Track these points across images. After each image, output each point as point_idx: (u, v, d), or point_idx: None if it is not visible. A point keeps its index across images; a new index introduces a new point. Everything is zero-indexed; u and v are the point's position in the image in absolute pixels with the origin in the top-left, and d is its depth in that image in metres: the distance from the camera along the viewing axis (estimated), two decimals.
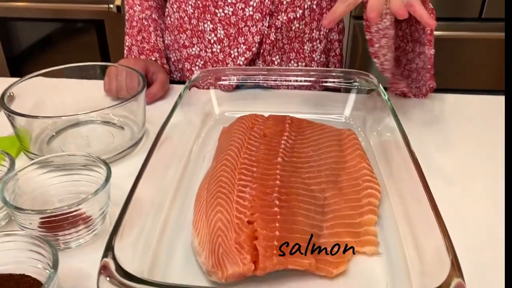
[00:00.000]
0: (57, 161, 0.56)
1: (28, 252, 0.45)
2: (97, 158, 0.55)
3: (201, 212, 0.51)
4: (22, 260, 0.45)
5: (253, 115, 0.69)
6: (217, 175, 0.56)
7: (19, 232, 0.45)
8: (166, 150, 0.68)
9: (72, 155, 0.56)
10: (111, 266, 0.40)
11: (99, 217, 0.53)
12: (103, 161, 0.54)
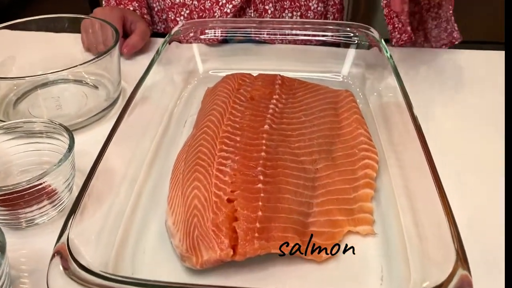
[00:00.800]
0: (18, 129, 0.50)
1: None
2: (59, 125, 0.49)
3: (177, 187, 0.46)
4: None
5: (240, 75, 0.62)
6: (196, 144, 0.50)
7: None
8: (142, 113, 0.62)
9: (31, 122, 0.50)
10: (65, 254, 0.35)
11: (65, 190, 0.47)
12: (65, 128, 0.48)
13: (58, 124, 0.49)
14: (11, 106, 0.63)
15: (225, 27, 0.69)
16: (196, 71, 0.69)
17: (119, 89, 0.64)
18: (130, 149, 0.56)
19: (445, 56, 0.74)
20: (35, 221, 0.47)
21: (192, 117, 0.61)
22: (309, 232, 0.42)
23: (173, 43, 0.65)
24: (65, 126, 0.48)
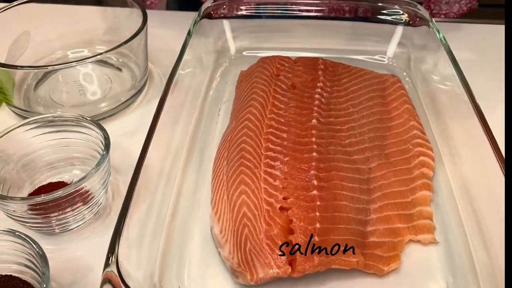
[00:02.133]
0: (48, 123, 0.46)
1: (12, 251, 0.36)
2: (91, 121, 0.44)
3: (221, 191, 0.42)
4: (6, 259, 0.37)
5: (278, 58, 0.57)
6: (238, 141, 0.46)
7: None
8: (171, 100, 0.58)
9: (62, 117, 0.45)
10: (115, 280, 0.31)
11: (100, 191, 0.44)
12: (98, 124, 0.44)
13: (90, 120, 0.44)
14: (31, 91, 0.58)
15: (258, 2, 0.63)
16: (227, 51, 0.63)
17: (146, 74, 0.59)
18: (164, 142, 0.52)
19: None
20: (70, 226, 0.44)
21: (226, 104, 0.57)
22: (369, 243, 0.39)
23: (202, 20, 0.60)
24: (98, 123, 0.44)
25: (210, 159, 0.49)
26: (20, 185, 0.46)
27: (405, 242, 0.40)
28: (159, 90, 0.61)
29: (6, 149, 0.44)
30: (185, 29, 0.69)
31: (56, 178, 0.47)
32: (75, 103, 0.58)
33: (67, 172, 0.48)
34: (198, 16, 0.58)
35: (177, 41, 0.66)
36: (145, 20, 0.55)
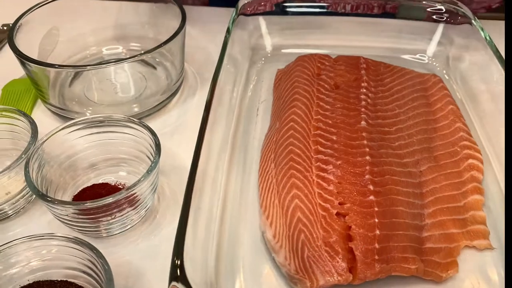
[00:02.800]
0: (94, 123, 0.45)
1: (69, 256, 0.36)
2: (140, 123, 0.44)
3: (271, 194, 0.42)
4: (62, 264, 0.36)
5: (317, 56, 0.56)
6: (285, 143, 0.45)
7: (56, 235, 0.36)
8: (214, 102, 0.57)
9: (110, 117, 0.45)
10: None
11: (149, 196, 0.43)
12: (147, 126, 0.43)
13: (139, 122, 0.44)
14: (66, 89, 0.57)
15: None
16: (262, 49, 0.62)
17: (182, 74, 0.58)
18: (207, 143, 0.52)
19: None
20: (117, 230, 0.43)
21: (264, 103, 0.56)
22: (426, 249, 0.38)
23: (238, 17, 0.59)
24: (148, 126, 0.43)
25: (253, 160, 0.49)
26: (64, 187, 0.45)
27: (461, 248, 0.40)
28: (194, 89, 0.60)
29: (51, 151, 0.43)
30: (213, 25, 0.68)
31: (100, 179, 0.46)
32: (110, 102, 0.57)
33: (111, 173, 0.47)
34: (235, 14, 0.57)
35: (207, 38, 0.66)
36: (184, 19, 0.54)
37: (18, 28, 0.54)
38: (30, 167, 0.40)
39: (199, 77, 0.61)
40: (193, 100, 0.58)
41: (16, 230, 0.44)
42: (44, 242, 0.35)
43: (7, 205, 0.43)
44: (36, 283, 0.36)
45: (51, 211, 0.41)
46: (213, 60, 0.64)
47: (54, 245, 0.35)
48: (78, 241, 0.35)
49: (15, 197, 0.43)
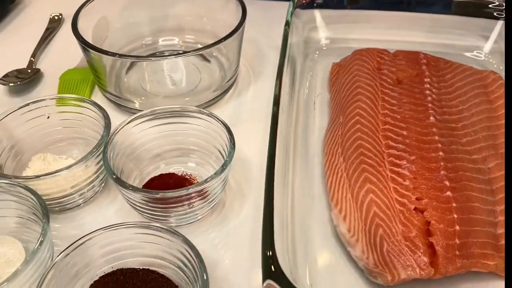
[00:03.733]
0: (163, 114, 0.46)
1: (154, 245, 0.36)
2: (214, 116, 0.44)
3: (342, 188, 0.42)
4: (143, 253, 0.37)
5: (376, 51, 0.55)
6: (353, 137, 0.45)
7: (144, 223, 0.36)
8: (265, 92, 0.57)
9: (181, 109, 0.45)
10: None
11: (219, 188, 0.43)
12: (221, 120, 0.44)
13: (210, 113, 0.44)
14: (121, 78, 0.57)
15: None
16: (316, 42, 0.62)
17: (237, 70, 0.58)
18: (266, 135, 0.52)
19: None
20: (186, 220, 0.43)
21: (320, 98, 0.56)
22: (502, 246, 0.39)
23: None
24: (222, 120, 0.43)
25: (314, 154, 0.49)
26: (133, 175, 0.46)
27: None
28: (248, 82, 0.60)
29: (123, 141, 0.44)
30: (262, 18, 0.68)
31: (168, 169, 0.47)
32: (165, 94, 0.57)
33: (178, 163, 0.47)
34: (292, 7, 0.57)
35: (255, 30, 0.65)
36: (244, 15, 0.53)
37: (79, 15, 0.54)
38: (108, 155, 0.41)
39: (251, 71, 0.61)
40: (247, 93, 0.58)
41: (86, 218, 0.44)
42: (135, 230, 0.36)
43: (77, 195, 0.44)
44: (119, 270, 0.37)
45: (127, 197, 0.41)
46: (264, 53, 0.64)
47: (142, 234, 0.36)
48: (170, 231, 0.35)
49: (85, 187, 0.44)
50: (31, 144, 0.47)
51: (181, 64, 0.59)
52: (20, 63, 0.62)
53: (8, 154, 0.46)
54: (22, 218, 0.41)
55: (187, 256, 0.34)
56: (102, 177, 0.45)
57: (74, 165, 0.41)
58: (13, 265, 0.39)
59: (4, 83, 0.57)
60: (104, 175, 0.45)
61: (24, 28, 0.71)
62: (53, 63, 0.63)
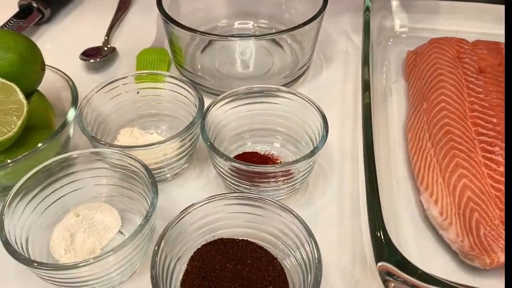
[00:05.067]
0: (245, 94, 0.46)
1: (254, 216, 0.37)
2: (309, 100, 0.44)
3: (433, 173, 0.42)
4: (242, 224, 0.38)
5: (455, 40, 0.55)
6: (440, 123, 0.45)
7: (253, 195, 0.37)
8: (335, 77, 0.58)
9: (273, 90, 0.45)
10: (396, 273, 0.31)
11: (308, 171, 0.43)
12: (317, 106, 0.44)
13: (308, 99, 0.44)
14: (196, 58, 0.58)
15: None
16: (390, 30, 0.62)
17: (311, 58, 0.58)
18: (350, 121, 0.53)
19: None
20: (271, 197, 0.44)
21: (396, 84, 0.56)
22: None
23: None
24: (317, 105, 0.44)
25: (395, 139, 0.49)
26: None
27: None
28: (320, 68, 0.60)
29: (212, 119, 0.45)
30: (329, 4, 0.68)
31: (251, 148, 0.48)
32: (240, 76, 0.58)
33: (264, 143, 0.48)
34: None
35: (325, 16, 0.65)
36: (325, 4, 0.54)
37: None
38: (205, 128, 0.42)
39: (322, 56, 0.62)
40: (320, 78, 0.59)
41: (175, 191, 0.46)
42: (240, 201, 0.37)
43: (167, 169, 0.45)
44: (220, 239, 0.38)
45: (218, 167, 0.42)
46: (333, 39, 0.65)
47: (241, 205, 0.37)
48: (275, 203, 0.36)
49: (175, 162, 0.45)
50: (119, 119, 0.49)
51: (254, 47, 0.59)
52: (95, 41, 0.63)
53: (98, 128, 0.47)
54: (117, 186, 0.42)
55: (293, 229, 0.35)
56: (190, 154, 0.46)
57: (171, 139, 0.42)
58: (110, 231, 0.41)
59: (85, 59, 0.58)
60: (191, 153, 0.46)
61: (96, 8, 0.72)
62: (126, 42, 0.64)
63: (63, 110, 0.47)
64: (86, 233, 0.40)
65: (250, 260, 0.37)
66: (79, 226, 0.40)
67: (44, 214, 0.39)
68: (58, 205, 0.40)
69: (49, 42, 0.65)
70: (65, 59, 0.56)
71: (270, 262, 0.37)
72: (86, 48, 0.61)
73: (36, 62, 0.45)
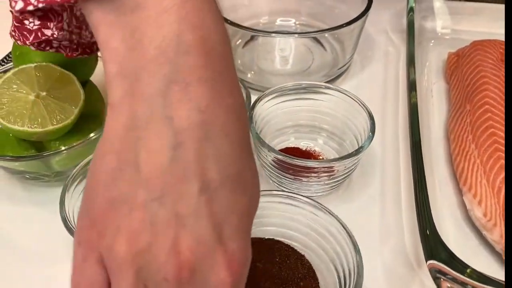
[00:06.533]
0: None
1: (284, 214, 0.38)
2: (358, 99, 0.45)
3: (477, 174, 0.42)
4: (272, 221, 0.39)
5: (498, 42, 0.55)
6: (484, 125, 0.45)
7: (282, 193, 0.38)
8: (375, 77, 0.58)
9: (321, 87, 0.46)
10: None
11: (351, 170, 0.44)
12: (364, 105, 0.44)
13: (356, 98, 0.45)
14: (237, 54, 0.59)
15: None
16: (432, 30, 0.62)
17: (352, 57, 0.59)
18: (391, 122, 0.53)
19: None
20: (312, 192, 0.45)
21: (437, 85, 0.57)
22: None
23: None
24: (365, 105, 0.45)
25: (437, 139, 0.50)
26: None
27: None
28: (360, 66, 0.61)
29: (259, 114, 0.46)
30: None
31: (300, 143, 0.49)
32: (279, 72, 0.59)
33: (308, 139, 0.49)
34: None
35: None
36: (369, 6, 0.54)
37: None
38: (254, 121, 0.43)
39: (362, 55, 0.62)
40: (361, 76, 0.59)
41: None
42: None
43: None
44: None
45: (261, 157, 0.44)
46: (373, 38, 0.65)
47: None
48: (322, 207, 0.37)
49: None
50: None
51: (295, 44, 0.60)
52: None
53: None
54: None
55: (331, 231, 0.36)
56: None
57: None
58: None
59: None
60: None
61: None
62: None
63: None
64: None
65: (278, 258, 0.38)
66: None
67: None
68: None
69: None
70: None
71: (298, 259, 0.38)
72: None
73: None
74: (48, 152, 0.41)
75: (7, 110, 0.40)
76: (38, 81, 0.42)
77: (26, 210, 0.45)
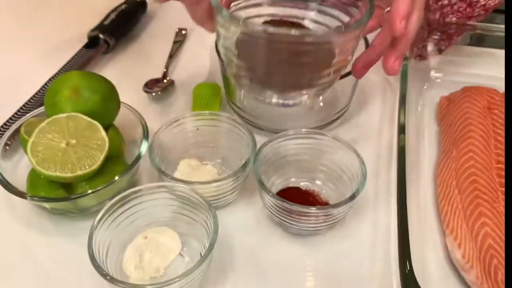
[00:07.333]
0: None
1: None
2: (350, 146, 0.50)
3: (458, 218, 0.47)
4: None
5: (486, 90, 0.60)
6: (467, 172, 0.50)
7: None
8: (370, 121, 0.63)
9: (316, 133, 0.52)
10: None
11: (345, 212, 0.49)
12: (356, 151, 0.49)
13: (348, 145, 0.50)
14: (243, 97, 0.64)
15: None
16: (424, 73, 0.67)
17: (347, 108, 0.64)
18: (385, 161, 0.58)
19: None
20: (308, 232, 0.50)
21: (429, 129, 0.61)
22: None
23: None
24: (356, 151, 0.50)
25: (426, 181, 0.54)
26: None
27: None
28: (359, 108, 0.66)
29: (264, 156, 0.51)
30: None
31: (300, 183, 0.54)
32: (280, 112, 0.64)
33: (307, 179, 0.54)
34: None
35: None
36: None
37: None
38: (256, 166, 0.48)
39: (359, 97, 0.67)
40: (358, 117, 0.64)
41: (226, 218, 0.52)
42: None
43: (222, 198, 0.52)
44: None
45: (264, 199, 0.48)
46: (371, 81, 0.70)
47: None
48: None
49: (229, 193, 0.51)
50: (179, 151, 0.55)
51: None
52: (155, 73, 0.70)
53: (163, 159, 0.54)
54: (179, 213, 0.48)
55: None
56: (241, 186, 0.52)
57: (227, 179, 0.48)
58: (172, 253, 0.48)
59: (149, 92, 0.65)
60: (242, 184, 0.52)
61: (154, 40, 0.80)
62: (183, 75, 0.71)
63: (131, 139, 0.55)
64: (153, 253, 0.47)
65: None
66: (146, 247, 0.47)
67: (119, 236, 0.46)
68: (131, 228, 0.47)
69: (114, 70, 0.73)
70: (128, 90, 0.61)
71: None
72: (148, 80, 0.69)
73: (114, 101, 0.52)
74: (76, 195, 0.46)
75: (42, 157, 0.46)
76: (69, 130, 0.48)
77: (54, 239, 0.50)
